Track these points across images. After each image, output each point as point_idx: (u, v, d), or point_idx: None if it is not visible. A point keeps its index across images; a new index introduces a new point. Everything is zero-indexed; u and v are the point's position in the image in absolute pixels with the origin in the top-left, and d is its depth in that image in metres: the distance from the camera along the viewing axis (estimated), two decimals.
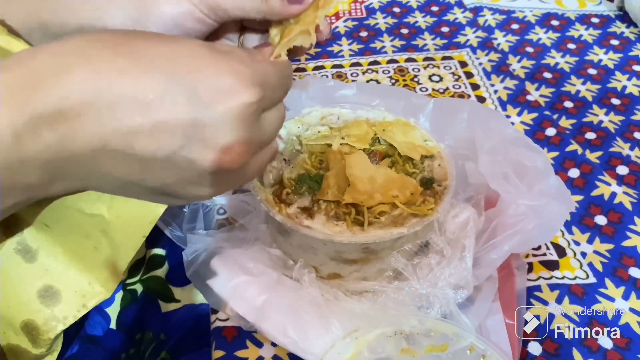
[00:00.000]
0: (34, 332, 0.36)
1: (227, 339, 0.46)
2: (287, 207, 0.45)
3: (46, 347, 0.37)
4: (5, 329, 0.36)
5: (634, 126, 0.67)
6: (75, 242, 0.37)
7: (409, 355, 0.42)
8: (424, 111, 0.55)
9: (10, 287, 0.36)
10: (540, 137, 0.65)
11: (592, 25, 0.84)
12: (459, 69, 0.76)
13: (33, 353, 0.37)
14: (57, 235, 0.37)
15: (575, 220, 0.56)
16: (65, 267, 0.37)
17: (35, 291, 0.36)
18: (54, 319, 0.36)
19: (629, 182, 0.60)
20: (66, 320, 0.37)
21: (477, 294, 0.45)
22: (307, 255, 0.45)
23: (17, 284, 0.36)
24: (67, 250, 0.37)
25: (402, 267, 0.44)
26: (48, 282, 0.36)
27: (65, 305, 0.37)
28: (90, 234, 0.38)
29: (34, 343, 0.36)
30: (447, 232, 0.46)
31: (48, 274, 0.36)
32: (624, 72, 0.75)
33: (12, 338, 0.36)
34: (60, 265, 0.37)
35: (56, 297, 0.36)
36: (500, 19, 0.86)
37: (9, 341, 0.36)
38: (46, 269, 0.36)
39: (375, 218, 0.43)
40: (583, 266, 0.52)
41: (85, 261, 0.38)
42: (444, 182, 0.47)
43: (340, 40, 0.83)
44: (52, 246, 0.36)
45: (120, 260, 0.39)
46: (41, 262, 0.36)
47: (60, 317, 0.37)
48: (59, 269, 0.37)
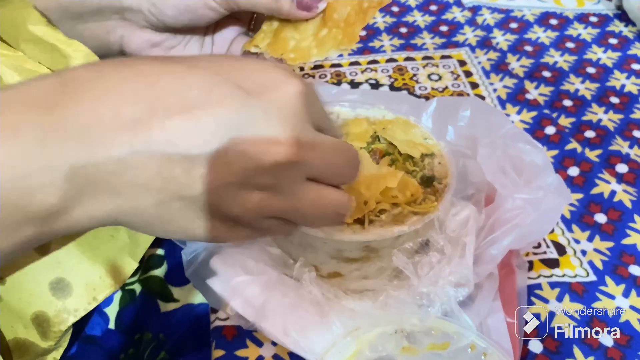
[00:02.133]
0: (44, 325, 0.36)
1: (227, 338, 0.46)
2: None
3: (55, 340, 0.37)
4: (14, 323, 0.36)
5: (633, 124, 0.67)
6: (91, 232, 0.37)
7: (410, 354, 0.42)
8: (427, 110, 0.55)
9: (22, 279, 0.36)
10: (539, 135, 0.65)
11: (591, 24, 0.85)
12: (458, 67, 0.76)
13: (41, 347, 0.37)
14: None
15: (575, 218, 0.56)
16: (77, 260, 0.37)
17: (47, 283, 0.36)
18: (65, 311, 0.37)
19: (629, 180, 0.60)
20: (77, 312, 0.37)
21: (477, 293, 0.45)
22: (307, 253, 0.45)
23: (29, 276, 0.36)
24: (79, 243, 0.37)
25: (403, 266, 0.44)
26: (60, 274, 0.37)
27: (76, 298, 0.37)
28: None
29: (43, 336, 0.36)
30: (447, 230, 0.46)
31: (60, 266, 0.36)
32: (623, 71, 0.75)
33: (20, 332, 0.36)
34: (72, 259, 0.37)
35: (67, 289, 0.37)
36: (498, 18, 0.86)
37: (17, 335, 0.36)
38: (58, 261, 0.36)
39: (376, 216, 0.43)
40: (583, 264, 0.52)
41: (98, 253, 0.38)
42: (445, 180, 0.47)
43: None
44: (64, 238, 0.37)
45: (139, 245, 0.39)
46: (53, 254, 0.36)
47: (71, 309, 0.37)
48: (71, 262, 0.37)
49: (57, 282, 0.36)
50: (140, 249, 0.40)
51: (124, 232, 0.39)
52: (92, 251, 0.37)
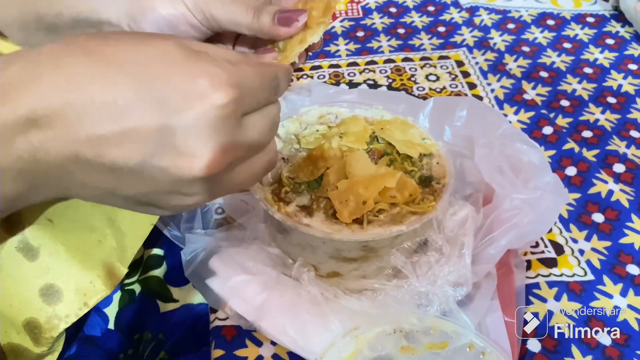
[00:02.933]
0: (36, 331, 0.36)
1: (226, 338, 0.46)
2: (286, 205, 0.44)
3: (48, 345, 0.36)
4: (6, 328, 0.36)
5: (630, 124, 0.67)
6: (79, 237, 0.37)
7: (408, 353, 0.42)
8: (424, 110, 0.55)
9: (12, 286, 0.35)
10: (537, 135, 0.65)
11: (588, 24, 0.85)
12: (456, 68, 0.76)
13: (34, 352, 0.36)
14: (59, 232, 0.37)
15: (573, 217, 0.56)
16: (67, 265, 0.37)
17: (37, 290, 0.36)
18: (56, 318, 0.36)
19: (626, 179, 0.60)
20: (68, 318, 0.37)
21: (476, 292, 0.45)
22: (306, 253, 0.45)
23: (19, 283, 0.36)
24: (69, 248, 0.37)
25: (402, 265, 0.44)
26: (49, 280, 0.36)
27: (66, 304, 0.37)
28: (95, 226, 0.38)
29: (35, 342, 0.36)
30: (445, 230, 0.46)
31: (50, 272, 0.36)
32: (620, 71, 0.76)
33: (14, 337, 0.36)
34: (61, 264, 0.36)
35: (57, 295, 0.36)
36: (496, 19, 0.86)
37: (10, 340, 0.36)
38: (48, 267, 0.36)
39: (375, 216, 0.43)
40: (581, 263, 0.52)
41: (88, 258, 0.37)
42: (443, 180, 0.47)
43: (337, 40, 0.83)
44: (53, 244, 0.36)
45: (127, 251, 0.39)
46: (42, 260, 0.36)
47: (62, 315, 0.37)
48: (60, 268, 0.36)
49: (47, 288, 0.36)
50: (128, 254, 0.40)
51: (110, 237, 0.39)
52: (82, 256, 0.37)
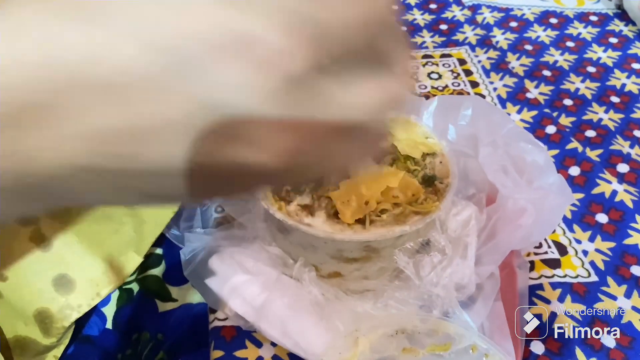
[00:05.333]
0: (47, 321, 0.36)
1: (226, 339, 0.45)
2: (287, 204, 0.44)
3: (57, 336, 0.36)
4: (14, 320, 0.36)
5: (634, 124, 0.67)
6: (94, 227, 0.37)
7: (411, 355, 0.42)
8: (428, 109, 0.55)
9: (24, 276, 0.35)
10: (540, 134, 0.65)
11: (591, 23, 0.84)
12: (458, 66, 0.76)
13: (42, 344, 0.36)
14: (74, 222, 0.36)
15: (577, 218, 0.56)
16: (81, 255, 0.37)
17: (50, 280, 0.36)
18: (68, 307, 0.36)
19: (630, 180, 0.60)
20: (80, 308, 0.37)
21: (479, 293, 0.45)
22: (307, 253, 0.45)
23: (31, 273, 0.36)
24: (83, 239, 0.37)
25: (404, 266, 0.43)
26: (63, 270, 0.36)
27: (79, 294, 0.37)
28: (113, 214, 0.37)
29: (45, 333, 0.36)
30: (448, 231, 0.46)
31: (63, 262, 0.36)
32: (623, 70, 0.75)
33: (21, 329, 0.36)
34: (74, 254, 0.36)
35: (70, 285, 0.36)
36: (498, 17, 0.86)
37: (17, 333, 0.36)
38: (61, 257, 0.36)
39: (377, 216, 0.43)
40: (585, 264, 0.51)
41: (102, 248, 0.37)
42: (446, 180, 0.46)
43: None
44: (67, 234, 0.36)
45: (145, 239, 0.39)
46: (56, 250, 0.36)
47: (74, 305, 0.37)
48: (74, 258, 0.36)
49: (60, 278, 0.36)
50: (145, 243, 0.40)
51: (129, 226, 0.38)
52: (96, 247, 0.37)
